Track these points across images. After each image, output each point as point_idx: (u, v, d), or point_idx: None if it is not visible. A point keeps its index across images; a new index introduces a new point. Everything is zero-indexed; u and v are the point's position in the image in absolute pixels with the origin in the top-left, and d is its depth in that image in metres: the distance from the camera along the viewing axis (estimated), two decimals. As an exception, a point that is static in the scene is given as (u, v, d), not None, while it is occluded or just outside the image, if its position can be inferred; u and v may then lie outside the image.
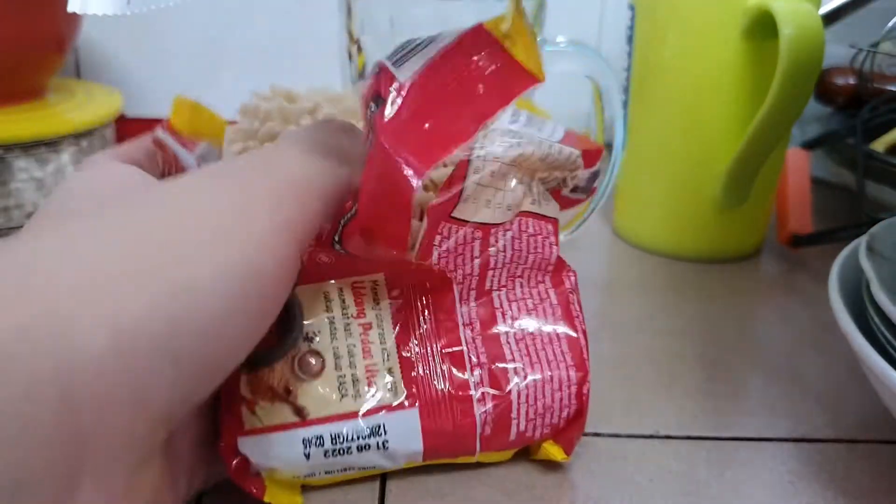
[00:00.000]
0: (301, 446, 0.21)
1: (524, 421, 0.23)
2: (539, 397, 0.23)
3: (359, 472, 0.22)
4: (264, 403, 0.21)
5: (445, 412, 0.22)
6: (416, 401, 0.22)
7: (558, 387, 0.23)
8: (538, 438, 0.23)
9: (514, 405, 0.23)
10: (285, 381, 0.22)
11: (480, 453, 0.23)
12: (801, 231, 0.40)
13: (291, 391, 0.21)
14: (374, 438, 0.22)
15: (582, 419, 0.23)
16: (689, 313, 0.36)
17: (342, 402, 0.22)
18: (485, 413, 0.22)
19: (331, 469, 0.22)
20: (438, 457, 0.23)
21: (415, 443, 0.22)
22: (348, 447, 0.21)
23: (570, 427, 0.23)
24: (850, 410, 0.28)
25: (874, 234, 0.27)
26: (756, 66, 0.37)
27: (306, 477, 0.22)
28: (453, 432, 0.22)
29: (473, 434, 0.22)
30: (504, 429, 0.23)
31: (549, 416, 0.23)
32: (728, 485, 0.24)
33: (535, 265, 0.24)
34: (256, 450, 0.21)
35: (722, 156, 0.39)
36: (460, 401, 0.22)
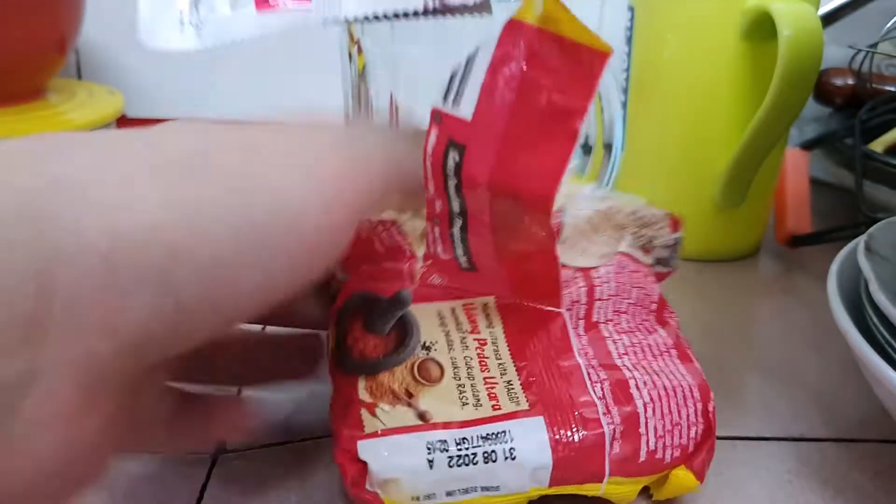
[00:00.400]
0: (425, 451, 0.20)
1: (653, 438, 0.21)
2: (666, 412, 0.22)
3: (480, 496, 0.20)
4: (386, 406, 0.21)
5: (572, 422, 0.21)
6: (542, 409, 0.21)
7: (683, 402, 0.22)
8: (669, 462, 0.22)
9: (641, 418, 0.21)
10: (406, 384, 0.21)
11: (609, 479, 0.21)
12: (799, 231, 0.41)
13: (413, 394, 0.21)
14: (501, 445, 0.20)
15: (712, 440, 0.22)
16: (687, 312, 0.36)
17: (464, 410, 0.21)
18: (612, 426, 0.21)
19: (452, 489, 0.20)
20: (566, 480, 0.21)
21: (543, 454, 0.20)
22: (473, 454, 0.20)
23: (699, 449, 0.22)
24: (849, 410, 0.28)
25: (872, 234, 0.27)
26: (755, 67, 0.37)
27: (426, 498, 0.20)
28: (581, 446, 0.21)
29: (602, 448, 0.21)
30: (633, 446, 0.21)
31: (677, 433, 0.22)
32: (727, 484, 0.24)
33: (639, 302, 0.25)
34: (378, 455, 0.20)
35: (721, 156, 0.39)
36: (586, 410, 0.21)
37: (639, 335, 0.24)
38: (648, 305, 0.25)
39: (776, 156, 0.41)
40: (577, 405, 0.21)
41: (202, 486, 0.23)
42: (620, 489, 0.22)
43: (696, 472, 0.22)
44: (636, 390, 0.22)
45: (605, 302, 0.24)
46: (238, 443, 0.24)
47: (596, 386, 0.22)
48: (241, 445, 0.25)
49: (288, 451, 0.25)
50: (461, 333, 0.23)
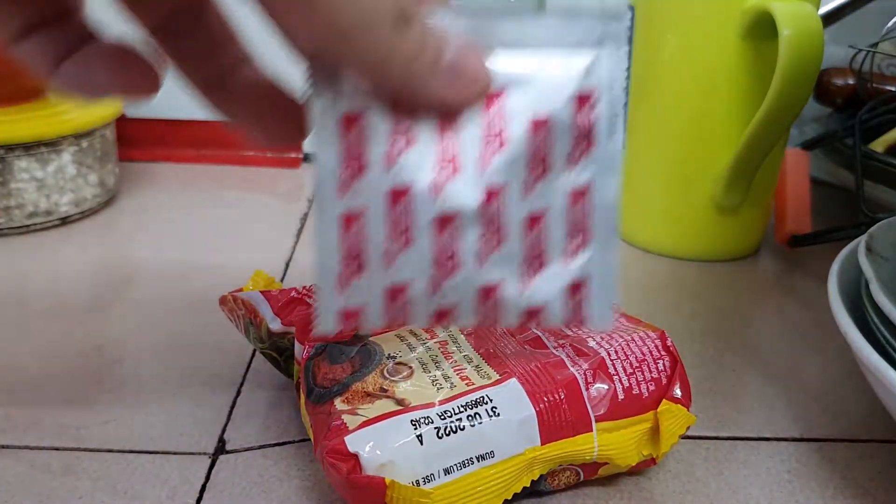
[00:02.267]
0: (411, 428, 0.20)
1: (625, 376, 0.23)
2: (629, 353, 0.23)
3: (479, 467, 0.21)
4: (364, 406, 0.21)
5: (544, 376, 0.22)
6: (512, 374, 0.22)
7: (642, 342, 0.24)
8: (647, 397, 0.23)
9: (607, 361, 0.23)
10: (379, 385, 0.22)
11: (598, 425, 0.22)
12: (799, 231, 0.41)
13: (388, 389, 0.22)
14: (482, 407, 0.21)
15: (681, 369, 0.24)
16: (687, 312, 0.36)
17: (439, 392, 0.22)
18: (582, 371, 0.22)
19: (449, 465, 0.21)
20: (556, 433, 0.22)
21: (524, 406, 0.21)
22: (459, 420, 0.21)
23: (672, 379, 0.23)
24: (849, 409, 0.28)
25: (873, 234, 0.27)
26: (755, 67, 0.37)
27: (425, 481, 0.20)
28: (558, 394, 0.22)
29: (579, 392, 0.22)
30: (609, 386, 0.22)
31: (646, 369, 0.23)
32: (727, 484, 0.24)
33: None
34: (367, 444, 0.20)
35: (721, 156, 0.39)
36: (554, 366, 0.23)
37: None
38: None
39: (776, 156, 0.41)
40: (546, 364, 0.23)
41: (202, 486, 0.23)
42: (615, 440, 0.22)
43: (681, 400, 0.23)
44: (596, 345, 0.23)
45: None
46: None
47: (558, 349, 0.23)
48: (242, 445, 0.25)
49: (288, 451, 0.25)
50: (421, 340, 0.24)
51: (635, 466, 0.23)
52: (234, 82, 0.21)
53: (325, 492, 0.23)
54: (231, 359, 0.30)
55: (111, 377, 0.29)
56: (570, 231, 0.20)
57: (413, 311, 0.20)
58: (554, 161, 0.20)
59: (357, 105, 0.19)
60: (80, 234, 0.44)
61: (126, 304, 0.35)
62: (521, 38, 0.19)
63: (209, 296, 0.35)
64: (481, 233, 0.20)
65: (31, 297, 0.35)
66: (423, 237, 0.20)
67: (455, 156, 0.19)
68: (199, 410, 0.27)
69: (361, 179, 0.19)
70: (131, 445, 0.25)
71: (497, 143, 0.19)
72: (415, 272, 0.20)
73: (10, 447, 0.25)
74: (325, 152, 0.19)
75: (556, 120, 0.19)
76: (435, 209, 0.19)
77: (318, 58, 0.18)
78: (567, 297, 0.20)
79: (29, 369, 0.29)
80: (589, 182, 0.20)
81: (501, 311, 0.20)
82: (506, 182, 0.20)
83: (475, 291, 0.20)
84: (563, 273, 0.20)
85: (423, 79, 0.18)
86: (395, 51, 0.17)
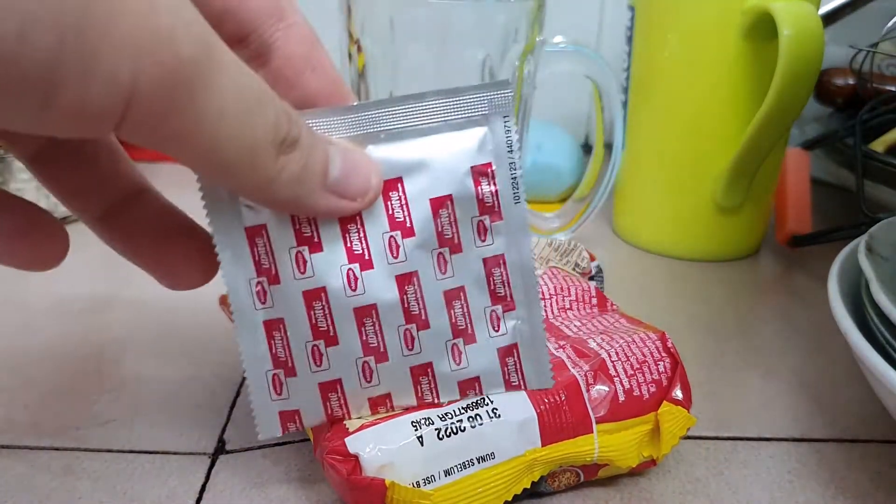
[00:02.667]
0: (412, 429, 0.20)
1: (625, 378, 0.23)
2: (630, 354, 0.23)
3: (479, 469, 0.21)
4: (364, 411, 0.21)
5: None
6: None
7: (643, 343, 0.24)
8: (648, 399, 0.23)
9: (608, 362, 0.23)
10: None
11: (599, 427, 0.22)
12: (800, 231, 0.41)
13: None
14: (483, 408, 0.21)
15: (682, 371, 0.23)
16: (688, 313, 0.36)
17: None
18: (583, 372, 0.22)
19: (449, 466, 0.20)
20: (557, 434, 0.21)
21: (525, 407, 0.21)
22: (459, 421, 0.21)
23: (672, 381, 0.23)
24: (849, 410, 0.28)
25: (873, 234, 0.27)
26: (755, 67, 0.37)
27: (426, 482, 0.20)
28: (559, 395, 0.22)
29: (580, 394, 0.22)
30: (609, 388, 0.22)
31: (647, 370, 0.23)
32: (727, 484, 0.24)
33: (579, 298, 0.27)
34: (367, 445, 0.20)
35: (721, 156, 0.39)
36: (554, 367, 0.22)
37: (586, 320, 0.26)
38: (589, 300, 0.27)
39: (777, 155, 0.41)
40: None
41: (202, 486, 0.23)
42: (616, 442, 0.22)
43: (681, 402, 0.23)
44: (597, 346, 0.23)
45: (547, 301, 0.27)
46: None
47: (559, 351, 0.23)
48: (242, 445, 0.25)
49: (288, 451, 0.25)
50: None
51: (635, 468, 0.23)
52: (129, 218, 0.21)
53: (325, 492, 0.23)
54: (231, 359, 0.30)
55: (111, 377, 0.29)
56: (491, 300, 0.21)
57: (351, 403, 0.21)
58: (462, 237, 0.21)
59: (259, 216, 0.20)
60: (80, 234, 0.43)
61: (126, 304, 0.35)
62: (409, 123, 0.20)
63: (209, 295, 0.35)
64: (404, 319, 0.21)
65: (30, 297, 0.35)
66: (346, 333, 0.20)
67: (364, 250, 0.20)
68: (199, 410, 0.27)
69: (276, 287, 0.20)
70: (131, 445, 0.25)
71: (402, 231, 0.20)
72: (344, 366, 0.21)
73: (10, 447, 0.25)
74: (235, 264, 0.20)
75: (457, 198, 0.20)
76: (352, 304, 0.20)
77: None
78: (501, 363, 0.21)
79: (29, 369, 0.29)
80: (502, 252, 0.21)
81: (438, 388, 0.21)
82: (419, 266, 0.20)
83: (408, 374, 0.21)
84: (493, 342, 0.21)
85: (311, 198, 0.18)
86: (278, 179, 0.17)
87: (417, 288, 0.21)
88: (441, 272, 0.21)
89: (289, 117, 0.17)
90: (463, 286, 0.21)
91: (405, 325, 0.21)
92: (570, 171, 0.49)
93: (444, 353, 0.21)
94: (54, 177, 0.20)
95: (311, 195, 0.18)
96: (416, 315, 0.21)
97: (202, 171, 0.16)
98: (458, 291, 0.21)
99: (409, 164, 0.20)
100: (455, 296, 0.21)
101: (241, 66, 0.16)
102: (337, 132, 0.20)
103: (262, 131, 0.16)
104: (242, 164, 0.16)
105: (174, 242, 0.21)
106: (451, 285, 0.21)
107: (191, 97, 0.14)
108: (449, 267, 0.21)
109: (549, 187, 0.49)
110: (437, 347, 0.21)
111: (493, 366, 0.21)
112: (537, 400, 0.21)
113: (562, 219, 0.42)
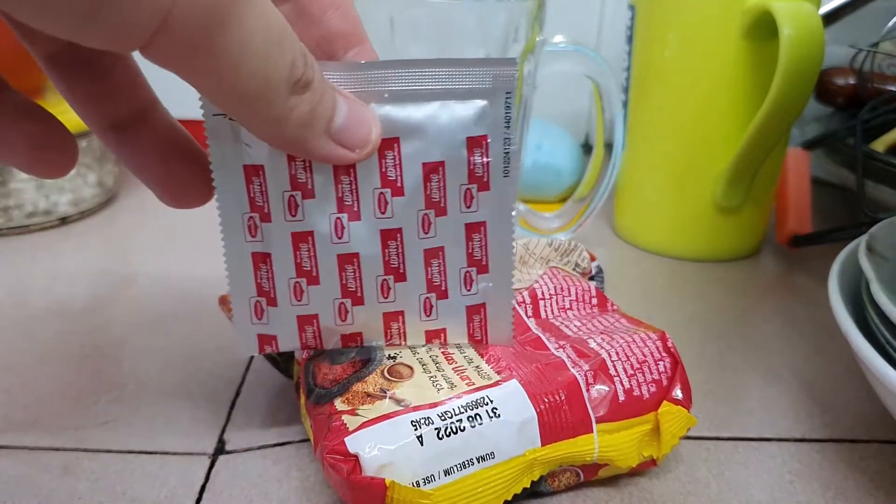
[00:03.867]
0: (411, 428, 0.20)
1: (626, 378, 0.23)
2: (630, 354, 0.23)
3: (479, 468, 0.21)
4: (365, 406, 0.21)
5: (545, 377, 0.22)
6: (513, 375, 0.22)
7: (643, 343, 0.24)
8: (648, 399, 0.23)
9: (608, 362, 0.23)
10: (379, 385, 0.22)
11: (598, 427, 0.22)
12: (800, 231, 0.41)
13: (388, 390, 0.22)
14: (483, 407, 0.21)
15: (682, 371, 0.23)
16: (688, 313, 0.36)
17: (440, 393, 0.22)
18: (583, 372, 0.22)
19: (449, 466, 0.20)
20: (556, 434, 0.21)
21: (525, 407, 0.21)
22: (459, 421, 0.20)
23: (673, 381, 0.23)
24: (850, 410, 0.28)
25: (874, 234, 0.27)
26: (756, 66, 0.37)
27: (426, 482, 0.20)
28: (559, 395, 0.22)
29: (580, 393, 0.22)
30: (609, 387, 0.22)
31: (647, 370, 0.23)
32: (728, 484, 0.24)
33: (579, 298, 0.27)
34: (367, 445, 0.20)
35: (722, 156, 0.39)
36: (555, 367, 0.22)
37: (586, 320, 0.26)
38: (589, 301, 0.27)
39: (777, 156, 0.41)
40: (547, 365, 0.23)
41: (202, 487, 0.23)
42: (616, 441, 0.22)
43: (681, 402, 0.23)
44: (597, 346, 0.23)
45: (548, 301, 0.27)
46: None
47: (559, 350, 0.23)
48: (242, 446, 0.25)
49: (288, 451, 0.25)
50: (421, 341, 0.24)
51: (635, 467, 0.23)
52: (138, 131, 0.21)
53: (325, 492, 0.23)
54: (231, 359, 0.30)
55: (111, 377, 0.29)
56: (468, 262, 0.22)
57: (324, 337, 0.22)
58: (449, 202, 0.21)
59: (258, 155, 0.20)
60: (80, 233, 0.44)
61: (126, 304, 0.35)
62: (413, 86, 0.20)
63: (209, 295, 0.35)
64: (383, 270, 0.22)
65: (30, 297, 0.35)
66: (328, 275, 0.21)
67: (353, 202, 0.21)
68: (199, 410, 0.27)
69: (267, 225, 0.21)
70: (131, 446, 0.25)
71: (392, 189, 0.21)
72: (322, 304, 0.22)
73: (10, 447, 0.25)
74: (230, 197, 0.21)
75: (449, 165, 0.21)
76: (336, 251, 0.21)
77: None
78: (466, 319, 0.23)
79: (29, 369, 0.29)
80: (484, 220, 0.22)
81: (406, 333, 0.22)
82: (403, 224, 0.21)
83: (380, 319, 0.22)
84: (463, 300, 0.22)
85: (315, 141, 0.19)
86: (287, 118, 0.17)
87: (399, 244, 0.21)
88: (424, 232, 0.21)
89: (305, 59, 0.17)
90: (442, 246, 0.22)
91: (383, 276, 0.22)
92: (570, 171, 0.49)
93: (417, 305, 0.22)
94: (68, 80, 0.20)
95: (315, 139, 0.18)
96: (395, 268, 0.22)
97: (216, 100, 0.17)
98: (438, 251, 0.22)
99: (407, 126, 0.20)
100: (434, 255, 0.22)
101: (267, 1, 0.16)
102: (344, 86, 0.20)
103: (280, 69, 0.16)
104: (257, 99, 0.16)
105: (178, 161, 0.21)
106: (432, 245, 0.22)
107: (220, 27, 0.15)
108: (432, 228, 0.22)
109: (549, 187, 0.49)
110: (411, 299, 0.22)
111: (460, 320, 0.23)
112: (537, 400, 0.21)
113: (562, 219, 0.42)
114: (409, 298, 0.22)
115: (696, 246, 0.42)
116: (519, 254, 0.30)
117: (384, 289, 0.22)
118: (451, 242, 0.22)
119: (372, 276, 0.22)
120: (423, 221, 0.21)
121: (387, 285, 0.22)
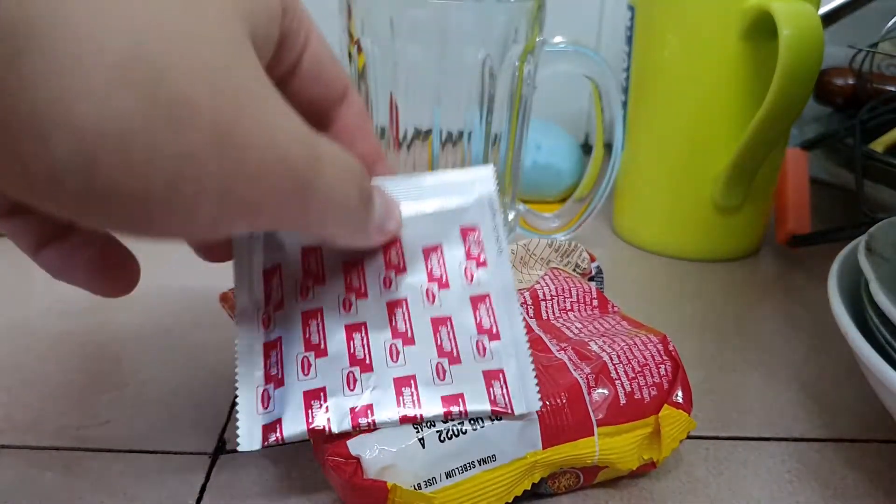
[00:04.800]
0: (413, 431, 0.20)
1: (627, 381, 0.23)
2: (631, 357, 0.23)
3: (480, 471, 0.21)
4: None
5: (546, 380, 0.22)
6: None
7: (644, 346, 0.24)
8: (649, 402, 0.23)
9: (609, 365, 0.23)
10: None
11: (600, 429, 0.22)
12: (799, 231, 0.41)
13: None
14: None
15: (683, 374, 0.23)
16: (687, 312, 0.36)
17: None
18: (585, 375, 0.22)
19: (451, 468, 0.20)
20: (558, 436, 0.21)
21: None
22: (461, 423, 0.21)
23: (674, 384, 0.23)
24: (849, 410, 0.28)
25: (873, 234, 0.27)
26: (755, 67, 0.37)
27: (427, 484, 0.20)
28: (560, 398, 0.22)
29: (581, 396, 0.22)
30: (611, 390, 0.22)
31: (648, 373, 0.23)
32: (727, 484, 0.24)
33: (580, 299, 0.27)
34: (369, 447, 0.20)
35: (721, 156, 0.39)
36: (556, 369, 0.23)
37: (587, 321, 0.26)
38: (590, 302, 0.27)
39: (777, 156, 0.41)
40: (549, 368, 0.23)
41: (202, 487, 0.23)
42: (616, 444, 0.22)
43: (682, 406, 0.23)
44: (599, 349, 0.24)
45: (549, 301, 0.27)
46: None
47: (561, 353, 0.24)
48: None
49: (288, 451, 0.25)
50: None
51: (635, 470, 0.23)
52: (66, 247, 0.21)
53: (326, 493, 0.23)
54: (231, 358, 0.30)
55: (111, 377, 0.29)
56: (478, 331, 0.22)
57: (332, 412, 0.21)
58: (451, 278, 0.22)
59: (278, 257, 0.23)
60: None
61: (126, 303, 0.35)
62: (414, 191, 0.23)
63: (209, 293, 0.35)
64: (391, 334, 0.22)
65: (31, 297, 0.35)
66: (336, 344, 0.22)
67: (360, 285, 0.22)
68: (199, 410, 0.27)
69: (280, 312, 0.22)
70: (131, 445, 0.25)
71: (396, 270, 0.22)
72: (330, 375, 0.21)
73: (10, 447, 0.25)
74: (248, 295, 0.22)
75: (446, 248, 0.23)
76: (344, 322, 0.22)
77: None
78: (486, 384, 0.21)
79: (30, 369, 0.29)
80: (487, 292, 0.22)
81: (421, 399, 0.21)
82: (408, 294, 0.22)
83: (391, 384, 0.21)
84: (479, 365, 0.22)
85: (373, 238, 0.21)
86: (366, 228, 0.21)
87: (406, 311, 0.22)
88: (429, 302, 0.22)
89: (363, 174, 0.19)
90: (449, 316, 0.22)
91: (391, 340, 0.22)
92: (570, 171, 0.49)
93: (429, 369, 0.21)
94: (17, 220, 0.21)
95: (373, 235, 0.21)
96: (403, 333, 0.22)
97: (309, 235, 0.19)
98: (446, 320, 0.22)
99: (407, 221, 0.23)
100: (442, 322, 0.22)
101: (333, 146, 0.18)
102: None
103: (356, 194, 0.19)
104: (343, 226, 0.19)
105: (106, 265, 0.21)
106: (438, 314, 0.22)
107: (304, 196, 0.17)
108: (437, 299, 0.22)
109: (549, 187, 0.49)
110: (422, 364, 0.21)
111: (478, 385, 0.21)
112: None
113: (562, 219, 0.42)
114: (420, 362, 0.21)
115: (696, 246, 0.42)
116: (519, 254, 0.30)
117: (393, 353, 0.21)
118: (457, 313, 0.22)
119: (379, 341, 0.21)
120: (426, 294, 0.22)
121: (395, 349, 0.21)
